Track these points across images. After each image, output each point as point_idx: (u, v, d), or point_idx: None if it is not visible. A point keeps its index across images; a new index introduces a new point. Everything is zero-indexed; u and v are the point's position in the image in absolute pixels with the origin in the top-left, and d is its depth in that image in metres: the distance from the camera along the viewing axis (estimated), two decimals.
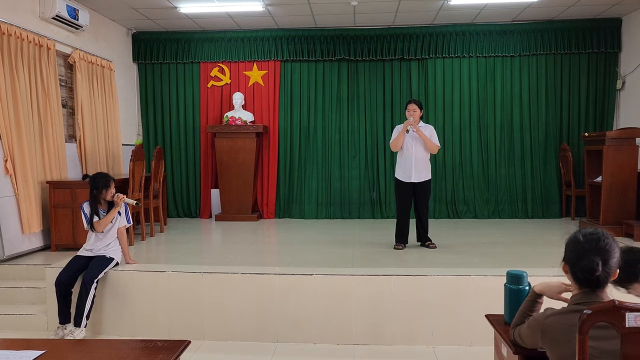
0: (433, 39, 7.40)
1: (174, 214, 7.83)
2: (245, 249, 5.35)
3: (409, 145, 5.10)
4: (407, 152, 5.12)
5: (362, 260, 4.64)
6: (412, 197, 5.18)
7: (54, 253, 5.25)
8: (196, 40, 7.68)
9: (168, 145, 7.85)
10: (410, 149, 5.09)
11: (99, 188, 4.13)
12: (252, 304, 4.03)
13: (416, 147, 5.09)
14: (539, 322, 1.83)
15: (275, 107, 7.68)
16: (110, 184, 4.17)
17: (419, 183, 5.11)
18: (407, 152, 5.11)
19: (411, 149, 5.09)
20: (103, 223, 4.12)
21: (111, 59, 7.03)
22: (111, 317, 4.17)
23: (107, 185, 4.14)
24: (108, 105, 6.78)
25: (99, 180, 4.15)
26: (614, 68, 7.30)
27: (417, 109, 5.08)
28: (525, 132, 7.43)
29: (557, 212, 7.39)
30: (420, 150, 5.09)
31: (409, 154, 5.10)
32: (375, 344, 3.91)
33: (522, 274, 2.33)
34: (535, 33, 7.31)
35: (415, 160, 5.08)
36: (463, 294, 3.90)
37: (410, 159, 5.09)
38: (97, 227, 4.11)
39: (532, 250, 5.13)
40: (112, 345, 2.22)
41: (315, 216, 7.60)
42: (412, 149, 5.09)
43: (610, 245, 1.75)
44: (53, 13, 5.56)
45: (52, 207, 5.29)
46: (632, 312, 1.52)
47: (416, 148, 5.09)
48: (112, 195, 4.17)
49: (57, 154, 5.65)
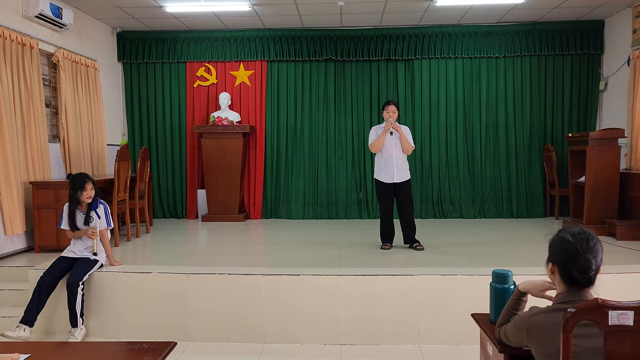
0: (419, 39, 7.44)
1: (160, 215, 7.77)
2: (232, 249, 5.33)
3: (389, 146, 5.11)
4: (387, 153, 5.12)
5: (349, 261, 4.64)
6: (393, 197, 5.20)
7: (38, 254, 5.18)
8: (182, 39, 7.63)
9: (154, 146, 7.79)
10: (390, 150, 5.10)
11: (75, 189, 4.09)
12: (239, 304, 4.01)
13: (396, 148, 5.10)
14: (524, 321, 1.85)
15: (262, 107, 7.66)
16: (86, 185, 4.09)
17: (400, 183, 5.12)
18: (388, 153, 5.12)
19: (392, 149, 5.10)
20: (70, 234, 4.16)
21: (96, 58, 6.95)
22: (96, 319, 4.12)
23: (81, 187, 4.08)
24: (92, 105, 6.71)
25: (75, 181, 4.12)
26: (596, 70, 7.40)
27: (396, 110, 5.11)
28: (510, 133, 7.50)
29: (541, 211, 7.48)
30: (400, 152, 5.11)
31: (390, 154, 5.10)
32: (362, 344, 3.92)
33: (507, 273, 2.35)
34: (520, 34, 7.38)
35: (396, 161, 5.10)
36: (449, 293, 3.92)
37: (392, 160, 5.10)
38: (67, 235, 4.19)
39: (517, 249, 5.18)
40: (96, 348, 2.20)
41: (302, 216, 7.60)
42: (393, 149, 5.10)
43: (597, 244, 1.78)
44: (36, 11, 5.48)
45: (36, 208, 5.22)
46: (615, 310, 1.54)
47: (396, 148, 5.10)
48: (88, 197, 4.10)
49: (41, 154, 5.58)
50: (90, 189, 4.12)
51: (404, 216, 5.19)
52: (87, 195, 4.10)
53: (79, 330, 3.91)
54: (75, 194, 4.09)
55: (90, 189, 4.13)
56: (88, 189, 4.11)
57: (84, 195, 4.10)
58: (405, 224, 5.20)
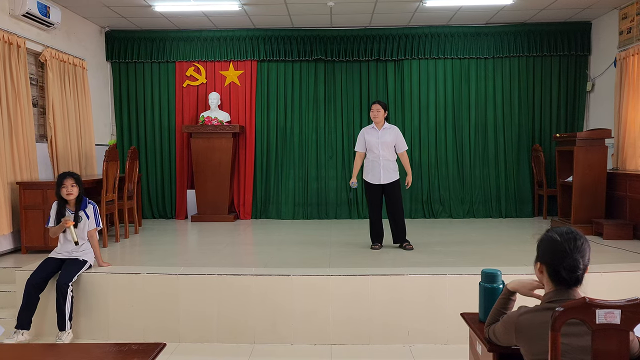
0: (409, 40, 7.47)
1: (149, 215, 7.72)
2: (221, 250, 5.31)
3: (375, 147, 5.12)
4: (374, 155, 5.14)
5: (339, 261, 4.65)
6: (382, 198, 5.22)
7: (25, 255, 5.12)
8: (171, 39, 7.59)
9: (143, 146, 7.74)
10: (377, 151, 5.11)
11: (57, 185, 4.06)
12: (229, 305, 4.00)
13: (383, 149, 5.11)
14: (513, 320, 1.86)
15: (251, 107, 7.65)
16: (65, 181, 4.03)
17: (388, 184, 5.13)
18: (374, 154, 5.13)
19: (378, 151, 5.11)
20: (52, 231, 4.08)
21: (84, 57, 6.90)
22: (84, 321, 4.08)
23: (59, 183, 4.04)
24: (80, 105, 6.65)
25: (58, 178, 4.10)
26: (584, 71, 7.47)
27: (380, 109, 5.12)
28: (499, 133, 7.56)
29: (529, 211, 7.53)
30: (388, 153, 5.12)
31: (376, 156, 5.12)
32: (352, 344, 3.92)
33: (496, 273, 2.36)
34: (509, 35, 7.44)
35: (383, 162, 5.10)
36: (439, 293, 3.94)
37: (379, 161, 5.11)
38: (50, 234, 4.10)
39: (506, 249, 5.21)
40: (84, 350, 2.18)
41: (292, 217, 7.59)
42: (380, 150, 5.10)
43: (585, 243, 1.79)
44: (23, 10, 5.42)
45: (23, 209, 5.17)
46: (602, 309, 1.56)
47: (384, 150, 5.11)
48: (67, 193, 4.03)
49: (28, 154, 5.52)
50: (70, 186, 4.03)
51: (392, 217, 5.20)
52: (66, 191, 4.02)
53: (66, 334, 3.85)
54: (59, 191, 4.05)
55: (71, 185, 4.04)
56: (68, 185, 4.02)
57: (63, 192, 4.02)
58: (394, 224, 5.20)
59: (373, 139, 5.13)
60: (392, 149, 5.16)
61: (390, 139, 5.13)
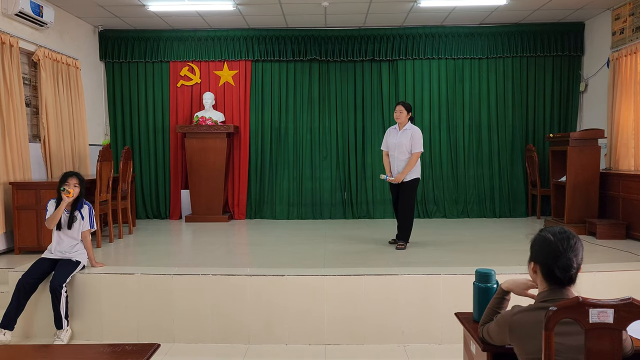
0: (403, 40, 7.48)
1: (143, 215, 7.69)
2: (216, 250, 5.30)
3: (392, 147, 5.26)
4: (392, 156, 5.29)
5: (333, 261, 4.65)
6: (397, 196, 5.30)
7: (18, 256, 5.09)
8: (165, 39, 7.57)
9: (137, 146, 7.71)
10: (394, 152, 5.24)
11: (59, 183, 4.04)
12: (223, 305, 3.99)
13: (399, 150, 5.19)
14: (507, 320, 1.86)
15: (246, 107, 7.63)
16: (69, 180, 4.03)
17: (401, 184, 5.18)
18: (392, 155, 5.29)
19: (395, 151, 5.23)
20: (52, 218, 4.00)
21: (77, 57, 6.86)
22: (78, 321, 4.07)
23: (62, 182, 4.03)
24: (74, 105, 6.62)
25: (62, 176, 4.08)
26: (577, 71, 7.51)
27: (403, 110, 5.18)
28: (492, 133, 7.58)
29: (523, 211, 7.56)
30: (402, 154, 5.18)
31: (393, 157, 5.27)
32: (347, 344, 3.93)
33: (490, 272, 2.37)
34: (502, 36, 7.46)
35: (398, 162, 5.20)
36: (433, 292, 3.95)
37: (395, 161, 5.25)
38: (47, 224, 4.03)
39: (500, 248, 5.23)
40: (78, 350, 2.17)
41: (287, 217, 7.58)
42: (396, 151, 5.21)
43: (578, 243, 1.80)
44: (16, 9, 5.39)
45: (16, 209, 5.14)
46: (596, 308, 1.57)
47: (399, 151, 5.19)
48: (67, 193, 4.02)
49: (21, 154, 5.48)
50: (73, 185, 4.04)
51: (399, 216, 5.31)
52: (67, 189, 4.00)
53: (64, 332, 3.86)
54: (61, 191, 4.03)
55: (74, 185, 4.04)
56: (70, 184, 4.02)
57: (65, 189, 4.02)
58: (398, 223, 5.32)
59: (391, 140, 5.27)
60: (407, 150, 5.18)
61: (406, 140, 5.16)
